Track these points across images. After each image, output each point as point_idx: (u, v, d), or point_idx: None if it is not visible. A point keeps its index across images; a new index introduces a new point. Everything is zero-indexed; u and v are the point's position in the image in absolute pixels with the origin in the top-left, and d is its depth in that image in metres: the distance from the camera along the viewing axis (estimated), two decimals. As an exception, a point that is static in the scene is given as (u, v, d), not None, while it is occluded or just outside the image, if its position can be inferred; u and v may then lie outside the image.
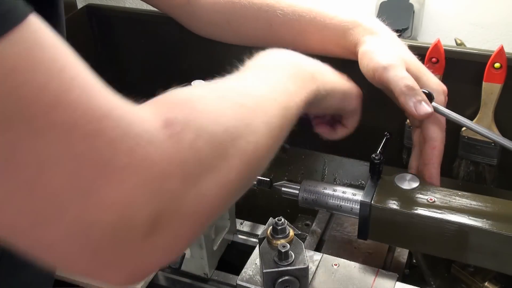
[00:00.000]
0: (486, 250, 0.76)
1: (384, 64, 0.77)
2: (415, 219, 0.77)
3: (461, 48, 1.26)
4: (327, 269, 0.84)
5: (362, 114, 1.24)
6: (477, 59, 1.11)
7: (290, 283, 0.74)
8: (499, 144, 0.83)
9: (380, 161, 0.81)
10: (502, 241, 0.73)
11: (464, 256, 0.79)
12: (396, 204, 0.79)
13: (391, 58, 0.77)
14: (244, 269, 0.83)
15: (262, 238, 0.78)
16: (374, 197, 0.80)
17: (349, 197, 0.84)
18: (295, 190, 0.89)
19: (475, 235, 0.75)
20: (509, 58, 1.08)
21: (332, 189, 0.86)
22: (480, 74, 1.11)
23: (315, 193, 0.87)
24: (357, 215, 0.81)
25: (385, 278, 0.82)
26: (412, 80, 0.78)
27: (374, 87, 1.31)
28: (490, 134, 0.83)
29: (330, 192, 0.86)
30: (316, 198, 0.87)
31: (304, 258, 0.75)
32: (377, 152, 0.82)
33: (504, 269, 0.79)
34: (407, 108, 0.78)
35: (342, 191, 0.85)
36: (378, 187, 0.81)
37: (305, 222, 1.10)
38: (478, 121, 1.16)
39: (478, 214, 0.75)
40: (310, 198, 0.87)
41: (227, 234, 0.99)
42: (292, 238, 0.77)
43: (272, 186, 0.90)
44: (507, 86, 1.10)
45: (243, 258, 0.86)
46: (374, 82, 0.81)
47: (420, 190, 0.81)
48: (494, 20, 2.21)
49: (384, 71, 0.77)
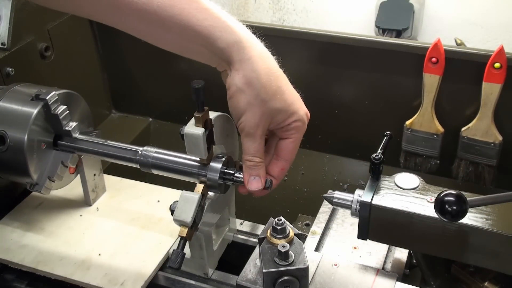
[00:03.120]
0: (486, 250, 0.76)
1: (246, 132, 0.77)
2: (415, 219, 0.77)
3: (461, 48, 1.26)
4: (327, 269, 0.83)
5: (362, 115, 1.25)
6: (477, 59, 1.12)
7: (290, 283, 0.74)
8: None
9: (380, 161, 0.81)
10: (502, 241, 0.74)
11: (464, 256, 0.79)
12: (396, 204, 0.79)
13: (254, 121, 0.76)
14: (244, 269, 0.83)
15: (262, 238, 0.78)
16: (374, 197, 0.80)
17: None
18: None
19: (475, 235, 0.75)
20: (509, 58, 1.08)
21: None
22: (480, 74, 1.11)
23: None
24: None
25: (385, 278, 0.82)
26: (259, 156, 0.78)
27: (374, 88, 1.32)
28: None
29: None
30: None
31: (304, 258, 0.75)
32: (377, 152, 0.82)
33: (504, 269, 0.79)
34: (243, 176, 0.81)
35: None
36: (378, 187, 0.81)
37: (305, 222, 1.10)
38: (478, 121, 1.16)
39: (478, 214, 0.76)
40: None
41: (227, 234, 0.99)
42: (292, 238, 0.77)
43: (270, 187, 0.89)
44: (507, 86, 1.10)
45: (243, 258, 0.86)
46: (236, 126, 0.80)
47: (420, 190, 0.81)
48: (494, 20, 2.21)
49: (245, 137, 0.78)
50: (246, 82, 0.74)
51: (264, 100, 0.75)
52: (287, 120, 0.78)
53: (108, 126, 1.52)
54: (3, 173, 0.97)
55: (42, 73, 1.24)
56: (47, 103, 0.91)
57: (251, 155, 0.78)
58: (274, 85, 0.76)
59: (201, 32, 0.74)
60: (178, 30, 0.75)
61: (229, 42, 0.74)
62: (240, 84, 0.74)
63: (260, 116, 0.75)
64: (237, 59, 0.75)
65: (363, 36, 1.23)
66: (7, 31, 1.14)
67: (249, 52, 0.75)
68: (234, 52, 0.74)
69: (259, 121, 0.75)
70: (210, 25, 0.74)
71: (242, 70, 0.74)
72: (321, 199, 0.95)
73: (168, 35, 0.76)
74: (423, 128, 1.21)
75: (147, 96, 1.52)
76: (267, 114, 0.76)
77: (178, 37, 0.76)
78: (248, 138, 0.77)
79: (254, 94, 0.74)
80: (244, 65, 0.74)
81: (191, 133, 0.78)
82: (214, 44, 0.74)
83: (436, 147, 1.21)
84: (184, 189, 0.84)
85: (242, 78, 0.74)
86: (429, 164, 1.24)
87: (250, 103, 0.75)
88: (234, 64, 0.75)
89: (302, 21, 2.54)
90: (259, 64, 0.75)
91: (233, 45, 0.74)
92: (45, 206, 1.07)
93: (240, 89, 0.75)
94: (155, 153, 0.88)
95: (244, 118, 0.76)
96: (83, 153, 0.97)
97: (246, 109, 0.75)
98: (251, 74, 0.74)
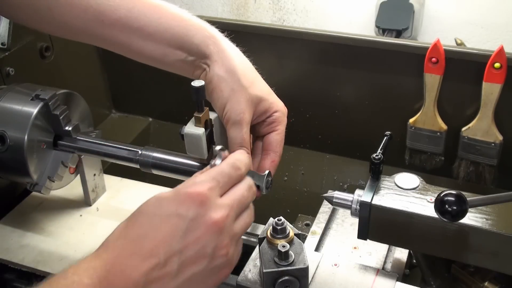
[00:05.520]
0: (486, 250, 0.76)
1: (232, 120, 0.76)
2: (415, 219, 0.77)
3: (461, 48, 1.26)
4: (327, 269, 0.83)
5: (362, 115, 1.24)
6: (477, 59, 1.11)
7: (290, 283, 0.74)
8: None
9: (380, 161, 0.81)
10: (502, 241, 0.74)
11: (464, 256, 0.79)
12: (396, 204, 0.79)
13: (239, 107, 0.76)
14: (244, 269, 0.83)
15: (262, 238, 0.78)
16: (374, 197, 0.80)
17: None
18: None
19: (475, 235, 0.75)
20: (509, 58, 1.08)
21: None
22: (480, 74, 1.11)
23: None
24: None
25: (385, 278, 0.82)
26: (246, 145, 0.77)
27: (374, 88, 1.32)
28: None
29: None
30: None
31: (304, 258, 0.75)
32: (377, 152, 0.82)
33: (504, 269, 0.79)
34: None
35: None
36: (378, 187, 0.81)
37: (305, 222, 1.10)
38: (478, 121, 1.16)
39: (478, 214, 0.76)
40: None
41: (227, 234, 0.99)
42: (292, 238, 0.77)
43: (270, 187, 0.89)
44: (507, 86, 1.10)
45: (243, 258, 0.86)
46: (221, 119, 0.79)
47: (420, 190, 0.81)
48: (494, 20, 2.21)
49: (231, 127, 0.77)
50: (226, 70, 0.76)
51: (245, 86, 0.76)
52: (269, 110, 0.79)
53: (108, 126, 1.52)
54: (3, 173, 0.97)
55: (42, 73, 1.24)
56: (47, 103, 0.91)
57: (238, 145, 0.77)
58: (251, 75, 0.79)
59: (178, 33, 0.79)
60: (156, 36, 0.79)
61: (205, 36, 0.78)
62: (221, 72, 0.77)
63: (245, 102, 0.76)
64: (215, 50, 0.77)
65: (363, 36, 1.23)
66: (7, 31, 1.14)
67: (224, 44, 0.79)
68: (211, 45, 0.78)
69: (244, 107, 0.76)
70: (185, 26, 0.79)
71: (220, 60, 0.77)
72: (321, 199, 0.95)
73: (147, 43, 0.80)
74: (426, 126, 1.21)
75: (147, 96, 1.52)
76: (250, 100, 0.76)
77: (156, 44, 0.80)
78: (235, 127, 0.77)
79: (235, 80, 0.76)
80: (222, 55, 0.77)
81: (191, 133, 0.78)
82: (191, 42, 0.78)
83: (440, 144, 1.22)
84: (184, 189, 0.83)
85: (222, 67, 0.77)
86: (434, 161, 1.25)
87: (233, 89, 0.76)
88: (212, 56, 0.78)
89: (302, 21, 2.54)
90: (236, 54, 0.79)
91: (209, 38, 0.78)
92: (45, 206, 1.07)
93: (221, 77, 0.76)
94: (155, 153, 0.88)
95: (229, 105, 0.76)
96: (83, 153, 0.97)
97: (229, 96, 0.76)
98: (231, 62, 0.77)
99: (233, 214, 0.65)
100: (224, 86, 0.76)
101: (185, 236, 0.60)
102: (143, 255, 0.59)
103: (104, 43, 0.83)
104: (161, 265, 0.59)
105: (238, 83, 0.76)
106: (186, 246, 0.60)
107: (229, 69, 0.77)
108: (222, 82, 0.77)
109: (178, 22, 0.79)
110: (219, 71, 0.77)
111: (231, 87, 0.76)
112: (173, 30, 0.79)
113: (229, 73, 0.76)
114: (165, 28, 0.79)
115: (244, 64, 0.79)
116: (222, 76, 0.77)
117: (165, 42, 0.79)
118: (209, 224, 0.61)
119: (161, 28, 0.79)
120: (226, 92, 0.76)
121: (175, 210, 0.62)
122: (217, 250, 0.62)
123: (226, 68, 0.77)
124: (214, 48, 0.78)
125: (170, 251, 0.60)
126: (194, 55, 0.79)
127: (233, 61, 0.77)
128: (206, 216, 0.62)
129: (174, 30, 0.79)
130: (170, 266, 0.59)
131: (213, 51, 0.78)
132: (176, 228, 0.60)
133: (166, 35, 0.79)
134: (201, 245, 0.61)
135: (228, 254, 0.64)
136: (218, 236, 0.62)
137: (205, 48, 0.78)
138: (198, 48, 0.78)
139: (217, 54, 0.78)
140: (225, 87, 0.76)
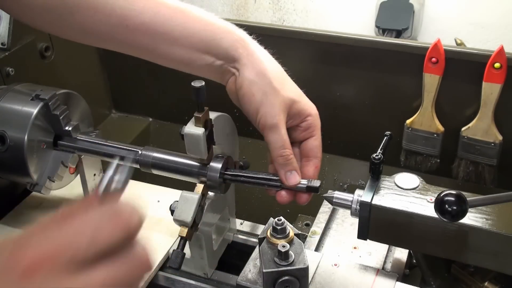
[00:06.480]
0: (486, 250, 0.76)
1: (269, 124, 0.75)
2: (415, 219, 0.77)
3: (461, 48, 1.26)
4: (327, 269, 0.83)
5: (362, 115, 1.24)
6: (477, 59, 1.12)
7: (290, 283, 0.74)
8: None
9: (380, 161, 0.81)
10: (502, 241, 0.74)
11: (464, 256, 0.79)
12: (396, 204, 0.79)
13: (273, 111, 0.74)
14: (244, 269, 0.83)
15: (262, 238, 0.78)
16: (374, 197, 0.80)
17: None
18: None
19: (475, 235, 0.75)
20: (509, 58, 1.08)
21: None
22: (480, 74, 1.11)
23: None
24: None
25: (385, 278, 0.82)
26: (288, 147, 0.76)
27: (374, 88, 1.32)
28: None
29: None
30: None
31: (304, 258, 0.75)
32: (377, 152, 0.82)
33: (504, 269, 0.79)
34: (279, 175, 0.78)
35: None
36: (378, 187, 0.81)
37: (305, 222, 1.10)
38: (478, 121, 1.16)
39: (478, 214, 0.76)
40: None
41: (227, 234, 0.99)
42: (292, 238, 0.77)
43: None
44: (507, 86, 1.10)
45: (243, 258, 0.86)
46: (255, 125, 0.77)
47: (420, 190, 0.81)
48: (494, 20, 2.21)
49: (268, 132, 0.75)
50: (257, 73, 0.75)
51: (277, 89, 0.75)
52: (302, 113, 0.78)
53: (108, 126, 1.52)
54: (3, 173, 0.97)
55: (42, 73, 1.24)
56: (47, 103, 0.91)
57: (280, 148, 0.76)
58: (282, 77, 0.77)
59: (205, 37, 0.76)
60: (182, 40, 0.77)
61: (233, 39, 0.76)
62: (252, 76, 0.75)
63: (279, 104, 0.75)
64: (244, 53, 0.76)
65: (363, 36, 1.23)
66: (7, 31, 1.14)
67: (253, 47, 0.77)
68: (240, 48, 0.76)
69: (278, 110, 0.74)
70: (212, 29, 0.77)
71: (250, 63, 0.75)
72: (321, 199, 0.94)
73: (173, 48, 0.78)
74: (423, 127, 1.21)
75: (147, 96, 1.52)
76: (283, 103, 0.75)
77: (182, 49, 0.78)
78: (272, 131, 0.75)
79: (267, 83, 0.75)
80: (252, 58, 0.75)
81: (191, 133, 0.78)
82: (218, 46, 0.76)
83: (436, 146, 1.21)
84: (184, 189, 0.83)
85: (253, 70, 0.75)
86: (429, 163, 1.24)
87: (265, 92, 0.74)
88: (242, 59, 0.76)
89: (302, 21, 2.54)
90: (265, 57, 0.77)
91: (238, 41, 0.76)
92: (45, 206, 1.07)
93: (252, 81, 0.75)
94: (155, 153, 0.88)
95: (263, 109, 0.74)
96: (83, 153, 0.97)
97: (262, 100, 0.74)
98: (261, 65, 0.75)
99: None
100: (256, 90, 0.75)
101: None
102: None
103: (129, 48, 0.81)
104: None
105: (270, 86, 0.75)
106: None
107: (259, 72, 0.75)
108: (254, 86, 0.75)
109: (204, 26, 0.77)
110: (249, 74, 0.75)
111: (263, 90, 0.74)
112: (199, 34, 0.77)
113: (260, 76, 0.75)
114: (192, 32, 0.77)
115: (274, 66, 0.77)
116: (253, 79, 0.75)
117: (192, 46, 0.77)
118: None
119: (187, 32, 0.77)
120: (259, 96, 0.75)
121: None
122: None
123: (257, 71, 0.75)
124: (243, 52, 0.76)
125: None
126: (222, 59, 0.77)
127: (263, 64, 0.76)
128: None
129: (200, 34, 0.77)
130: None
131: (242, 55, 0.76)
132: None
133: (193, 40, 0.77)
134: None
135: None
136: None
137: (233, 52, 0.76)
138: (226, 52, 0.76)
139: (247, 57, 0.76)
140: (257, 91, 0.75)
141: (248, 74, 0.75)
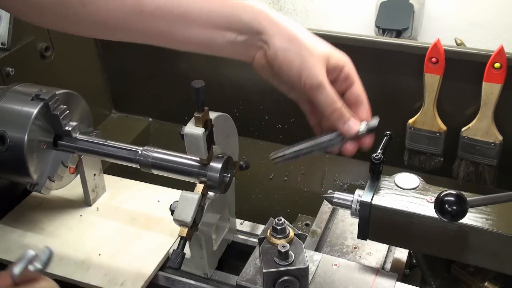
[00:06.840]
0: (486, 250, 0.76)
1: (316, 85, 0.74)
2: (415, 219, 0.77)
3: (461, 48, 1.26)
4: (327, 269, 0.83)
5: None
6: (477, 59, 1.11)
7: (290, 283, 0.74)
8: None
9: (380, 161, 0.81)
10: (502, 241, 0.74)
11: (464, 256, 0.79)
12: (396, 204, 0.79)
13: (315, 70, 0.74)
14: (244, 269, 0.83)
15: (262, 238, 0.78)
16: (374, 197, 0.80)
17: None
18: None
19: (475, 235, 0.75)
20: (509, 58, 1.08)
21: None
22: (480, 74, 1.11)
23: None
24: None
25: (385, 278, 0.82)
26: (338, 100, 0.76)
27: (374, 88, 1.31)
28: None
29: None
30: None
31: (304, 258, 0.75)
32: (377, 152, 0.82)
33: (504, 269, 0.79)
34: (339, 129, 0.78)
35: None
36: (378, 187, 0.81)
37: (305, 222, 1.10)
38: (478, 121, 1.16)
39: (478, 214, 0.76)
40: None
41: (227, 234, 0.99)
42: (292, 238, 0.77)
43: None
44: (507, 86, 1.10)
45: (243, 258, 0.86)
46: (301, 89, 0.76)
47: (420, 190, 0.81)
48: (494, 20, 2.21)
49: (316, 92, 0.74)
50: (288, 39, 0.74)
51: (311, 48, 0.74)
52: (338, 65, 0.77)
53: (108, 126, 1.52)
54: (3, 173, 0.97)
55: (42, 73, 1.24)
56: (47, 103, 0.91)
57: (332, 104, 0.75)
58: (310, 35, 0.76)
59: (224, 13, 0.74)
60: (200, 20, 0.75)
61: (253, 12, 0.74)
62: (285, 44, 0.74)
63: (318, 63, 0.74)
64: (269, 25, 0.74)
65: (363, 36, 1.23)
66: (7, 31, 1.14)
67: (275, 16, 0.75)
68: (263, 20, 0.74)
69: (319, 68, 0.74)
70: (230, 5, 0.75)
71: (278, 32, 0.74)
72: (321, 199, 0.95)
73: (191, 29, 0.76)
74: (425, 127, 1.21)
75: (147, 96, 1.52)
76: (321, 60, 0.75)
77: (201, 29, 0.75)
78: (319, 91, 0.74)
79: (300, 45, 0.74)
80: (278, 27, 0.74)
81: (191, 133, 0.78)
82: (239, 21, 0.75)
83: (439, 145, 1.22)
84: (184, 189, 0.84)
85: (283, 38, 0.74)
86: (432, 162, 1.25)
87: (302, 55, 0.74)
88: (268, 31, 0.74)
89: (302, 21, 2.54)
90: (289, 22, 0.76)
91: (259, 13, 0.75)
92: (45, 206, 1.07)
93: (286, 48, 0.74)
94: (155, 153, 0.88)
95: (306, 72, 0.74)
96: (83, 153, 0.97)
97: (302, 64, 0.74)
98: (289, 31, 0.74)
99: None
100: (293, 56, 0.74)
101: None
102: None
103: (144, 36, 0.78)
104: None
105: (304, 48, 0.74)
106: None
107: (290, 38, 0.74)
108: (289, 53, 0.74)
109: (222, 2, 0.75)
110: (282, 43, 0.74)
111: (299, 53, 0.74)
112: (218, 11, 0.74)
113: (292, 41, 0.74)
114: (209, 10, 0.74)
115: (300, 28, 0.76)
116: (286, 47, 0.74)
117: (211, 25, 0.75)
118: None
119: (205, 11, 0.74)
120: (297, 61, 0.74)
121: None
122: None
123: (288, 38, 0.74)
124: (266, 23, 0.74)
125: None
126: (246, 33, 0.75)
127: (291, 30, 0.75)
128: None
129: (219, 11, 0.74)
130: None
131: (267, 26, 0.74)
132: None
133: (211, 17, 0.74)
134: None
135: None
136: None
137: (257, 25, 0.74)
138: (249, 25, 0.75)
139: (271, 27, 0.74)
140: (295, 56, 0.74)
141: (281, 43, 0.74)
